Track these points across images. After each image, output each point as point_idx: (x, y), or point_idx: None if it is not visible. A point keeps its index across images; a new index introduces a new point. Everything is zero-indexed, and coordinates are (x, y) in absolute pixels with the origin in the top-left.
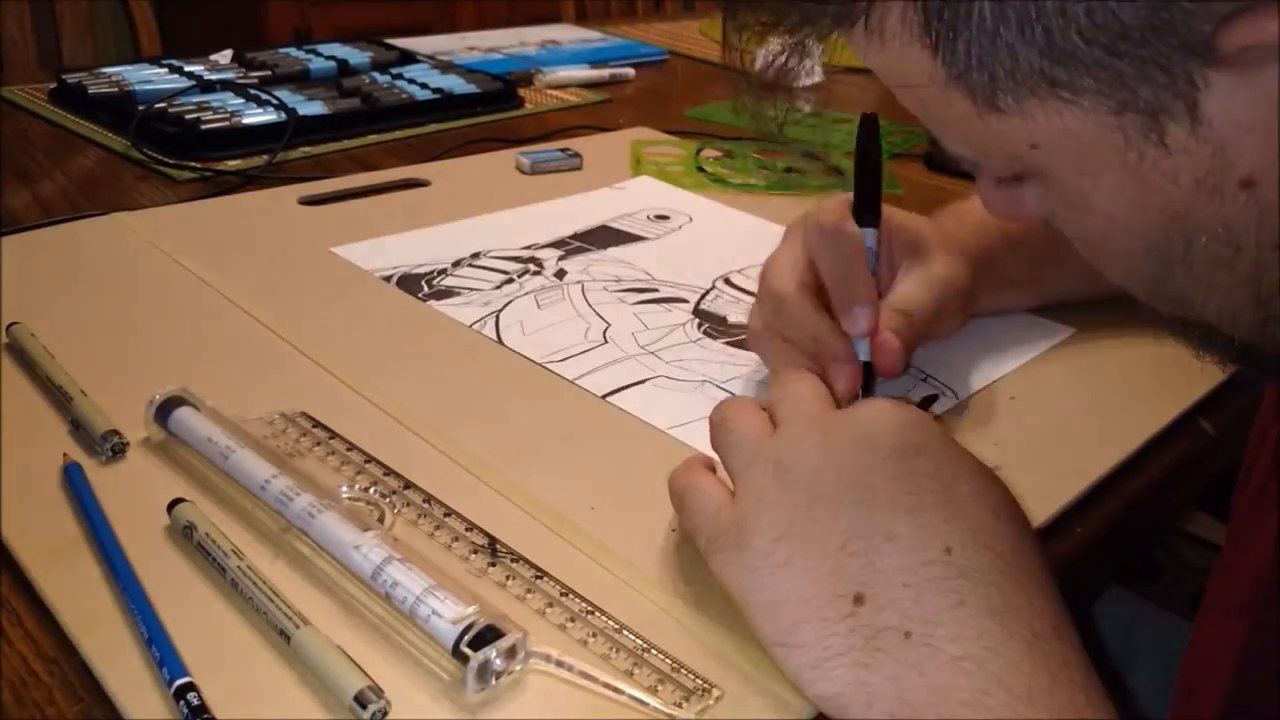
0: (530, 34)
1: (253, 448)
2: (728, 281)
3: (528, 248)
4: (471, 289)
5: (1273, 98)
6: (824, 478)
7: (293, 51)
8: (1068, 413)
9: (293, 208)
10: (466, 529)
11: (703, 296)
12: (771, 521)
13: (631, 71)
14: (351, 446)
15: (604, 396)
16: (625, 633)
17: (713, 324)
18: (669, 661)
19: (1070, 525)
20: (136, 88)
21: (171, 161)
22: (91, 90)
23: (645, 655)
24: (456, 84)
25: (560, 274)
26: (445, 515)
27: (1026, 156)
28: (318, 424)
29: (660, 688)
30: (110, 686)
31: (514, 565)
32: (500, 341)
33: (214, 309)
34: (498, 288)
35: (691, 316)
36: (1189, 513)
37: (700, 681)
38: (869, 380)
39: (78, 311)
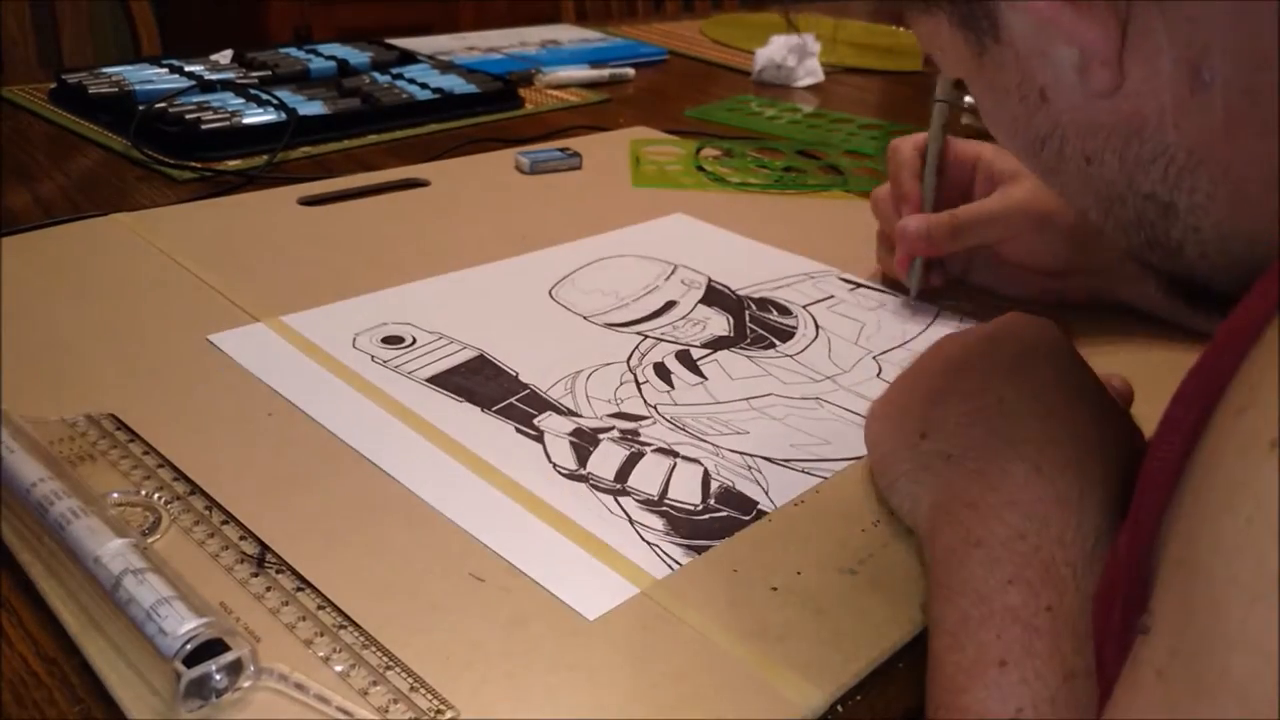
0: (530, 34)
1: (31, 450)
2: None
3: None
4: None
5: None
6: (932, 359)
7: (293, 51)
8: None
9: (293, 208)
10: (240, 537)
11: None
12: (888, 393)
13: (631, 71)
14: (148, 450)
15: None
16: (371, 649)
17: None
18: (409, 680)
19: None
20: (137, 88)
21: (172, 161)
22: (92, 90)
23: (386, 673)
24: (456, 84)
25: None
26: (222, 523)
27: (941, 60)
28: (122, 426)
29: (392, 708)
30: (111, 687)
31: (278, 576)
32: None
33: (214, 309)
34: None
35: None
36: None
37: (436, 702)
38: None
39: (78, 311)
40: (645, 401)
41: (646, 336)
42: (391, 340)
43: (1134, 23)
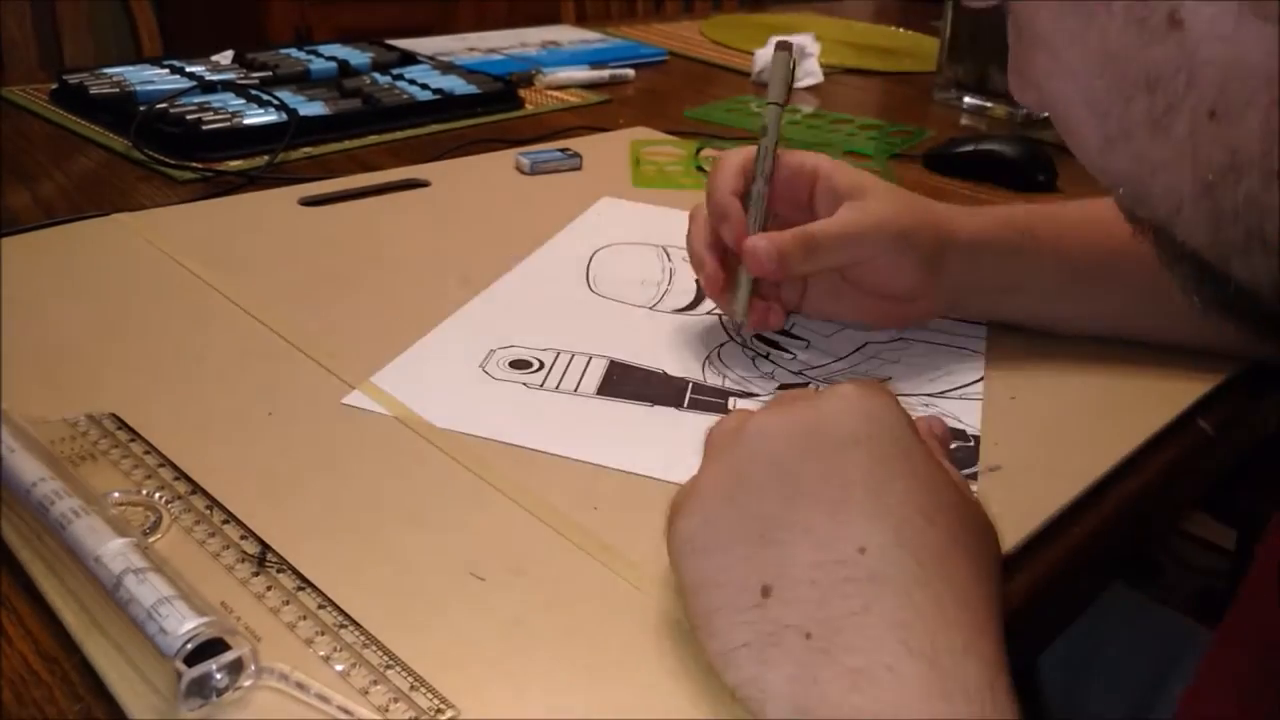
0: (530, 35)
1: (31, 450)
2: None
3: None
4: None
5: None
6: (756, 464)
7: (293, 52)
8: (1068, 413)
9: (293, 208)
10: (241, 536)
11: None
12: (699, 506)
13: (631, 72)
14: (149, 449)
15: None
16: (371, 648)
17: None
18: (410, 679)
19: (1070, 525)
20: (137, 88)
21: (172, 162)
22: (92, 91)
23: (386, 672)
24: (457, 85)
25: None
26: (223, 522)
27: None
28: (123, 425)
29: (392, 706)
30: (111, 685)
31: (279, 576)
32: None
33: (214, 310)
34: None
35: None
36: (1189, 513)
37: (436, 701)
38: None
39: (78, 311)
40: (789, 370)
41: (719, 314)
42: (520, 365)
43: None
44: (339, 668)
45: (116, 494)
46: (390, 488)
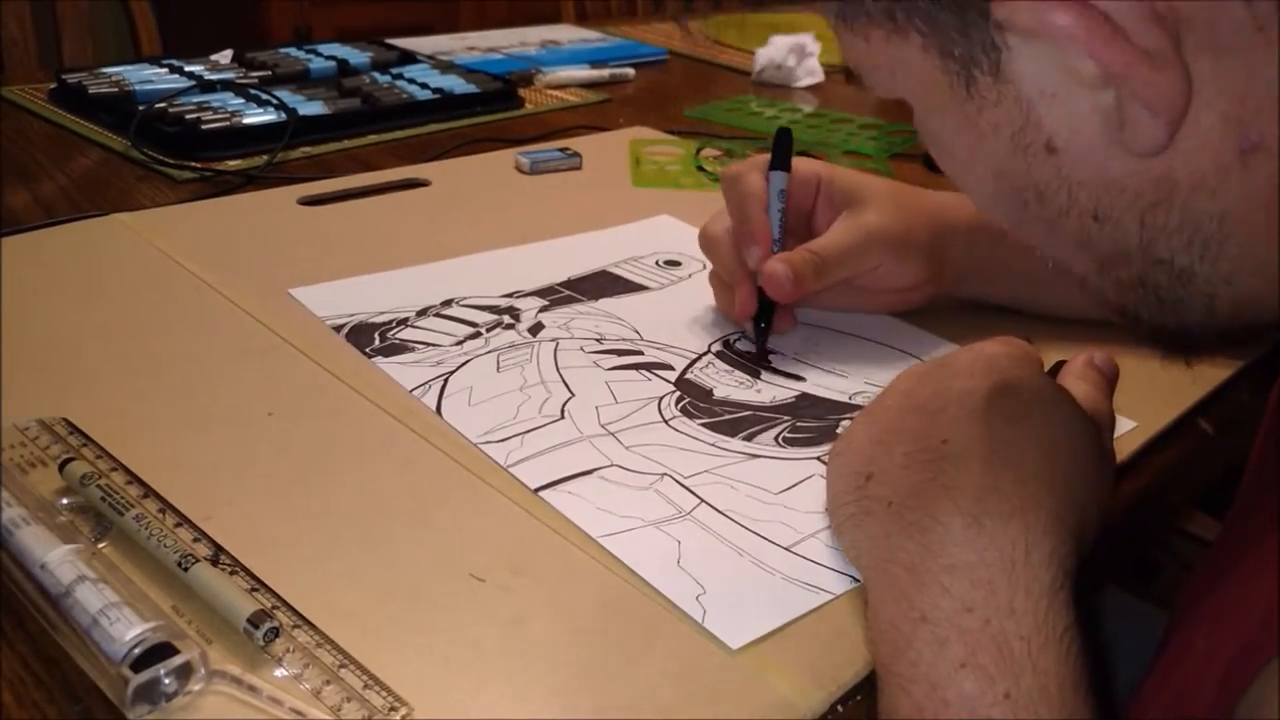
0: (530, 34)
1: None
2: (727, 345)
3: (509, 295)
4: (429, 344)
5: (1066, 67)
6: (891, 397)
7: (293, 51)
8: None
9: (293, 208)
10: (195, 539)
11: (691, 364)
12: (848, 432)
13: (631, 71)
14: (101, 454)
15: (536, 490)
16: (325, 648)
17: (695, 398)
18: (363, 679)
19: None
20: (137, 88)
21: (172, 161)
22: (92, 90)
23: (340, 672)
24: (456, 84)
25: (535, 329)
26: (176, 525)
27: (889, 81)
28: (75, 430)
29: (345, 706)
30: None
31: (232, 578)
32: (439, 412)
33: (214, 310)
34: (459, 343)
35: (672, 388)
36: (1189, 513)
37: (390, 699)
38: (766, 305)
39: (78, 311)
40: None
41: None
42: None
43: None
44: (293, 670)
45: (65, 500)
46: (383, 489)
